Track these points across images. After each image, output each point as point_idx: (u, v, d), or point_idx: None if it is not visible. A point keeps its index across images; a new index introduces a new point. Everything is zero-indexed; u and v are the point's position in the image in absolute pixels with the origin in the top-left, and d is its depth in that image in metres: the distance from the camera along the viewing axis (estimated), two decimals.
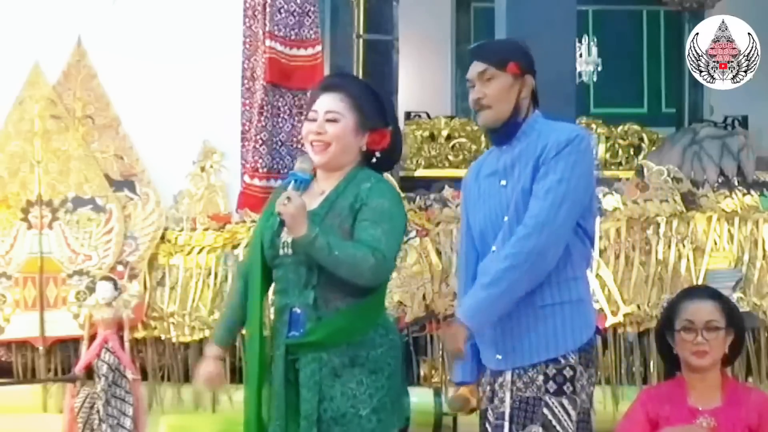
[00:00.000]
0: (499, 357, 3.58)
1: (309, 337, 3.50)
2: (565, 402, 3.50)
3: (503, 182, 3.59)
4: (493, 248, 3.57)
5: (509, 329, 3.55)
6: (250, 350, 3.59)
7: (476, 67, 3.62)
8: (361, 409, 3.49)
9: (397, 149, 3.70)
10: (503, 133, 3.61)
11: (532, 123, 3.61)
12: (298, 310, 3.51)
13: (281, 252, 3.53)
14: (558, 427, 3.48)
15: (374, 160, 3.65)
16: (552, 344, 3.50)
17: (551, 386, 3.50)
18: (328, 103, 3.59)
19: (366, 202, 3.53)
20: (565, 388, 3.50)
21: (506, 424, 3.52)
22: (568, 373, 3.50)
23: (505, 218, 3.56)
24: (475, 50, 3.70)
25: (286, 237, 3.51)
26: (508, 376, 3.55)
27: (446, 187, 5.57)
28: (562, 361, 3.50)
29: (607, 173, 9.72)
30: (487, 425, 3.61)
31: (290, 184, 3.53)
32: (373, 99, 3.67)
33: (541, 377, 3.51)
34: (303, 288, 3.50)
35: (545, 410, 3.48)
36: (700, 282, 5.25)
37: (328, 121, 3.57)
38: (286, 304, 3.54)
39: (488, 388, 3.64)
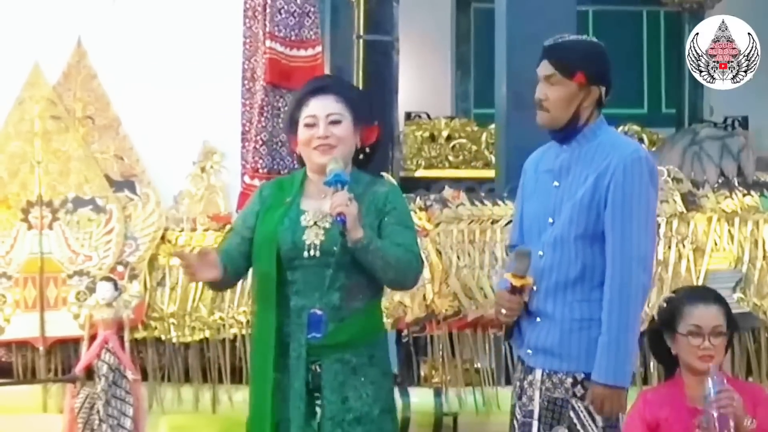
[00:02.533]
0: (530, 351, 3.59)
1: (335, 338, 3.49)
2: (591, 407, 3.51)
3: (556, 183, 3.57)
4: (540, 253, 3.55)
5: (545, 331, 3.56)
6: (262, 353, 3.53)
7: (544, 69, 3.56)
8: (377, 409, 3.52)
9: (382, 142, 3.72)
10: (561, 135, 3.58)
11: (594, 128, 3.57)
12: (319, 312, 3.48)
13: (307, 254, 3.49)
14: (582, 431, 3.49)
15: (362, 156, 3.65)
16: (583, 359, 3.51)
17: (579, 390, 3.52)
18: (326, 105, 3.58)
19: (395, 206, 3.55)
20: None
21: (535, 423, 3.54)
22: None
23: (550, 220, 3.55)
24: (547, 49, 3.60)
25: (314, 239, 3.49)
26: (538, 375, 3.57)
27: (446, 187, 5.56)
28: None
29: None
30: (515, 422, 3.63)
31: (336, 185, 3.45)
32: (361, 96, 3.70)
33: (569, 380, 3.52)
34: (327, 289, 3.48)
35: (571, 413, 3.50)
36: (700, 282, 5.24)
37: (331, 123, 3.57)
38: (303, 305, 3.50)
39: (518, 384, 3.65)
